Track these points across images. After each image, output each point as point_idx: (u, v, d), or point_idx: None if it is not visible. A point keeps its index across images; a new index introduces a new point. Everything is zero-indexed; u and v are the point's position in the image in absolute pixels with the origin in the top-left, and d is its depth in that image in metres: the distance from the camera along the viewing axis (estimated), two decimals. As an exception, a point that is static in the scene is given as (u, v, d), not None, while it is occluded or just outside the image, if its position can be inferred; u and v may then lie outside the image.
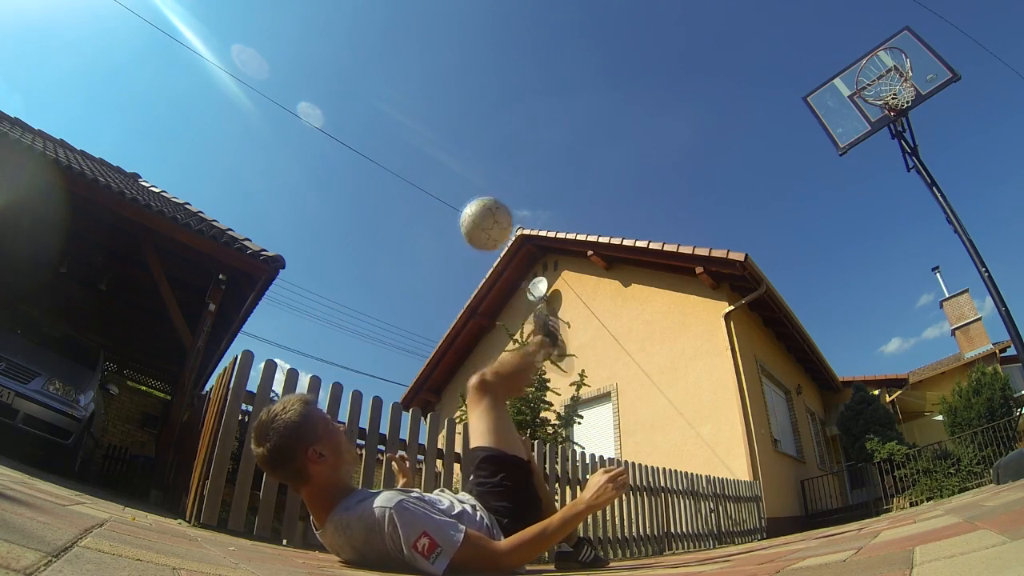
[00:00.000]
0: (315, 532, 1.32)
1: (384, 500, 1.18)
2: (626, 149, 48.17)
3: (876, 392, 11.06)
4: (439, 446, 3.11)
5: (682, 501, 4.84)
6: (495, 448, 1.56)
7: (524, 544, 1.27)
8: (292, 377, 2.57)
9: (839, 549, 1.29)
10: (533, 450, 3.60)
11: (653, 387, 8.26)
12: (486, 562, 1.21)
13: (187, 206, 6.41)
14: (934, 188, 5.73)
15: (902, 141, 6.06)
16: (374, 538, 1.16)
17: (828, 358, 10.76)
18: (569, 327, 9.75)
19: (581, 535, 2.36)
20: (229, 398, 2.43)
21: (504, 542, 1.29)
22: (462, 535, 1.17)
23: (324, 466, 1.25)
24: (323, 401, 2.70)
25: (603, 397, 8.86)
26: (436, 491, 1.58)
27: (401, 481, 1.91)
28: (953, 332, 14.18)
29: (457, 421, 3.34)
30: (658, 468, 4.66)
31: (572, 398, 6.08)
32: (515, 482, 1.52)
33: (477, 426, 1.62)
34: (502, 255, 11.10)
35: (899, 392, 12.60)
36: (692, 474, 5.17)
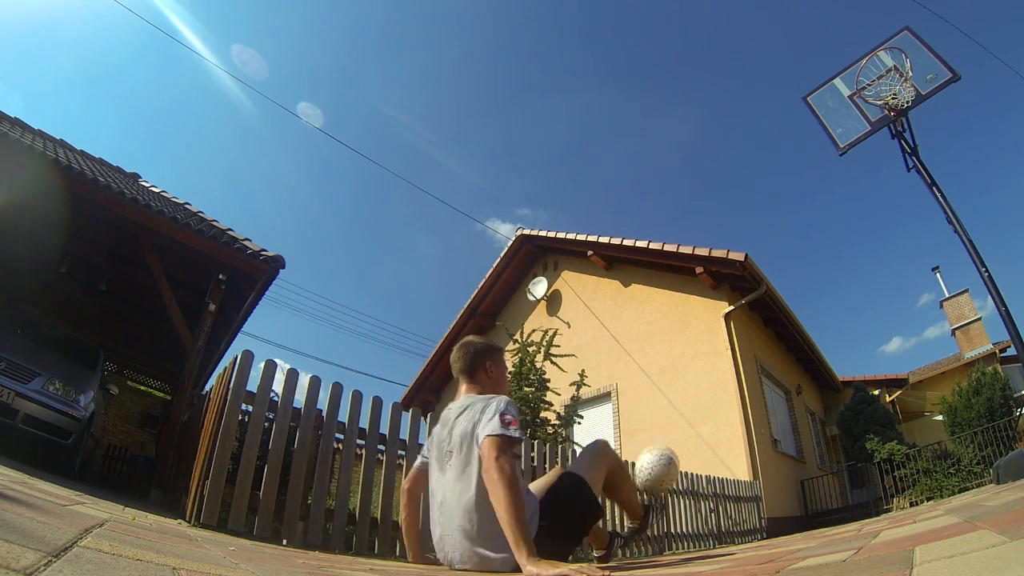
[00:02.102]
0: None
1: (504, 399, 1.64)
2: (626, 148, 48.19)
3: (876, 392, 11.05)
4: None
5: (682, 501, 4.84)
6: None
7: (509, 492, 1.39)
8: (292, 377, 2.57)
9: (839, 549, 1.29)
10: (533, 450, 3.60)
11: (653, 387, 8.26)
12: (508, 464, 1.45)
13: (187, 206, 6.41)
14: (934, 188, 5.73)
15: (902, 141, 6.06)
16: (475, 409, 1.62)
17: (828, 358, 10.78)
18: (569, 327, 9.75)
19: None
20: (229, 398, 2.43)
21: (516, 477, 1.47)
22: (521, 440, 1.57)
23: (486, 377, 1.82)
24: (323, 401, 2.70)
25: (603, 397, 8.86)
26: None
27: None
28: (953, 332, 14.17)
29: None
30: (658, 468, 4.66)
31: (572, 398, 6.08)
32: (575, 505, 1.75)
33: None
34: (502, 255, 11.10)
35: (899, 392, 12.59)
36: (692, 474, 5.17)
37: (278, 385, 2.54)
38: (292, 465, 2.47)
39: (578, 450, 4.23)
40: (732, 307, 7.77)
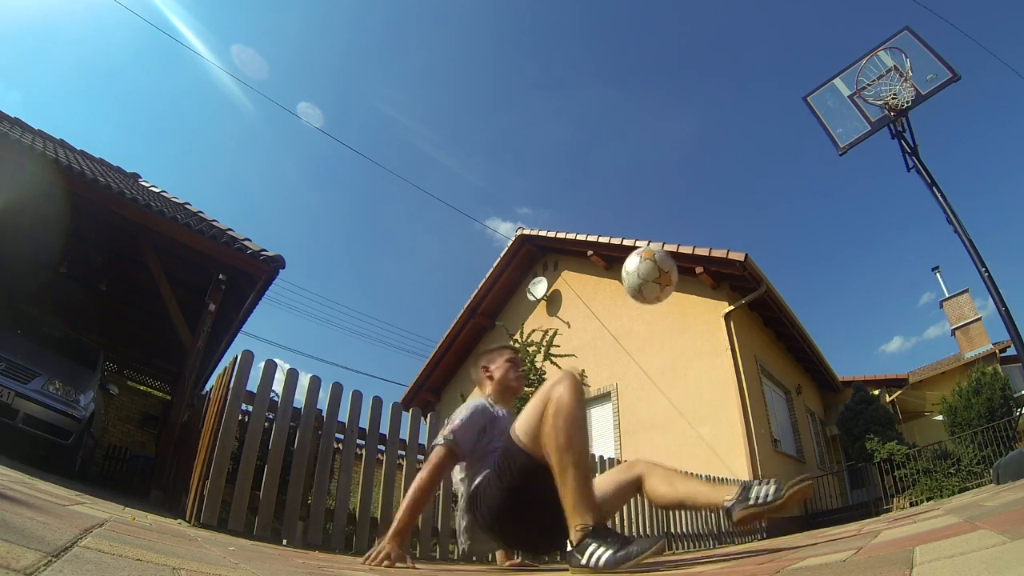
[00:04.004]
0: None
1: (467, 406, 1.79)
2: (627, 147, 48.17)
3: (876, 392, 11.05)
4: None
5: (682, 501, 4.82)
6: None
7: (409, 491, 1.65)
8: (292, 377, 2.57)
9: (839, 549, 1.29)
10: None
11: (653, 387, 8.26)
12: (424, 467, 1.67)
13: (187, 206, 6.41)
14: (934, 188, 5.73)
15: (902, 141, 6.06)
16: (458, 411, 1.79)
17: (828, 358, 10.78)
18: (569, 327, 9.75)
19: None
20: (229, 398, 2.43)
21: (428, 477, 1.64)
22: (442, 441, 1.65)
23: (484, 380, 1.98)
24: (323, 401, 2.70)
25: (603, 397, 8.86)
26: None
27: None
28: (953, 332, 14.17)
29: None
30: (658, 468, 4.66)
31: (572, 398, 6.08)
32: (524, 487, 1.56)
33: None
34: (502, 255, 11.10)
35: (899, 392, 12.59)
36: (692, 474, 5.16)
37: (278, 385, 2.54)
38: (292, 465, 2.47)
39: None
40: (732, 307, 7.77)
